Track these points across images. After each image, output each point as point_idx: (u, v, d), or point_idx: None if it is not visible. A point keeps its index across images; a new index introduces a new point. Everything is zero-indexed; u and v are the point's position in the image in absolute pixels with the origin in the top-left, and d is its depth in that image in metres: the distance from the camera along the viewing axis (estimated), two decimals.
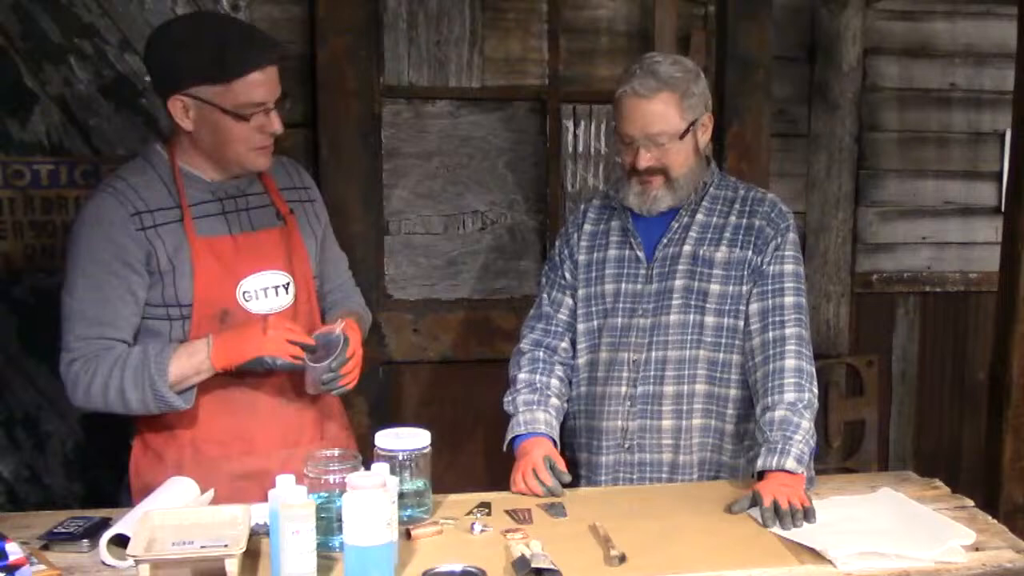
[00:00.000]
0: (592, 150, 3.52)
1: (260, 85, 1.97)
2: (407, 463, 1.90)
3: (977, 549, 1.83)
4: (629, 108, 2.15)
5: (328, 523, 1.76)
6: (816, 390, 2.13)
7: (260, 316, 2.03)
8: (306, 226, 2.21)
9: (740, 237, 2.21)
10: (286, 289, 2.11)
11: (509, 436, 2.24)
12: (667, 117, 2.13)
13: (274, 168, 2.19)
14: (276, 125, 2.02)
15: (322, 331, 2.06)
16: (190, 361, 1.97)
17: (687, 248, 2.22)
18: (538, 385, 2.27)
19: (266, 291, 2.09)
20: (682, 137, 2.15)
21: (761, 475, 2.04)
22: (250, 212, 2.12)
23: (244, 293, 2.06)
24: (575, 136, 3.51)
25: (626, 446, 2.25)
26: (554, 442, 2.22)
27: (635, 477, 2.25)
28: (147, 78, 3.08)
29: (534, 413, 2.23)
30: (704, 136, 2.22)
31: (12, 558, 1.60)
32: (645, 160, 2.16)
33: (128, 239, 1.98)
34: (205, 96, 1.96)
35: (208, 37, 1.97)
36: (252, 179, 2.14)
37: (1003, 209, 3.20)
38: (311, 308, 2.19)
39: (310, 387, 2.07)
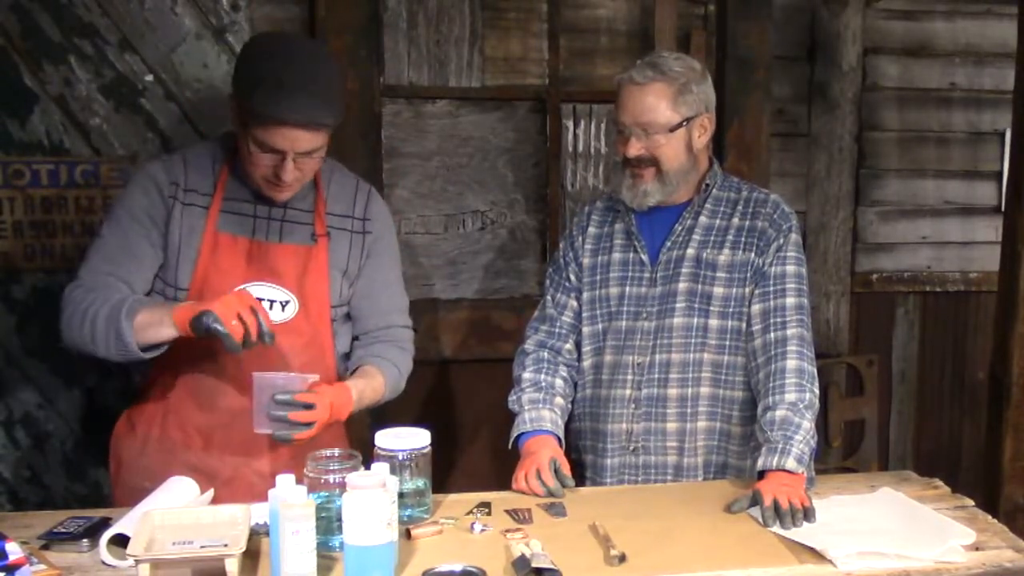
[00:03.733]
0: (592, 150, 3.53)
1: (282, 137, 1.93)
2: (407, 463, 1.90)
3: (977, 549, 1.83)
4: (624, 95, 2.16)
5: (328, 523, 1.76)
6: (817, 391, 2.13)
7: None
8: (340, 255, 2.15)
9: (743, 239, 2.21)
10: (283, 307, 2.09)
11: (514, 433, 2.24)
12: (658, 107, 2.13)
13: (340, 192, 2.17)
14: (285, 174, 1.98)
15: (293, 375, 1.97)
16: (159, 310, 1.93)
17: (691, 251, 2.22)
18: (543, 384, 2.28)
19: (260, 301, 2.04)
20: (673, 130, 2.15)
21: (761, 474, 2.04)
22: (283, 223, 2.11)
23: None
24: (575, 136, 3.51)
25: (631, 448, 2.25)
26: (559, 440, 2.23)
27: (640, 479, 2.25)
28: (148, 77, 3.10)
29: (539, 411, 2.23)
30: (701, 137, 2.21)
31: (12, 558, 1.60)
32: (635, 148, 2.16)
33: (160, 199, 2.05)
34: (243, 109, 1.96)
35: (268, 64, 1.93)
36: (305, 194, 2.12)
37: (1003, 209, 3.19)
38: (316, 335, 2.14)
39: (255, 420, 1.95)
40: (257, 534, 1.81)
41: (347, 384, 2.10)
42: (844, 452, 3.80)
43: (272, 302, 2.08)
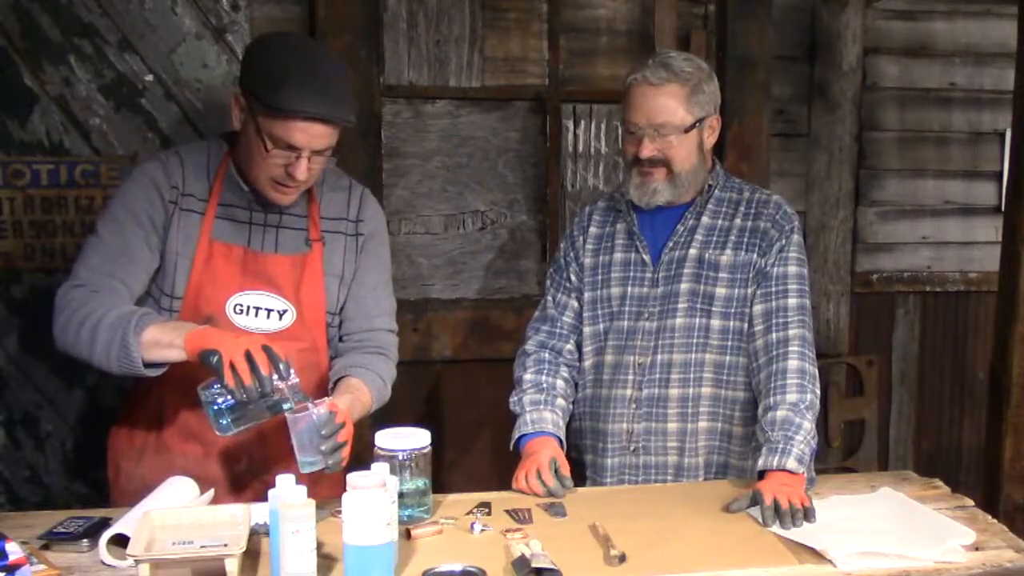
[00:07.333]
0: (592, 150, 3.52)
1: (299, 131, 1.90)
2: (407, 463, 1.90)
3: (977, 549, 1.83)
4: (637, 96, 2.16)
5: None
6: (818, 391, 2.13)
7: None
8: (335, 260, 2.13)
9: (745, 240, 2.21)
10: (280, 316, 2.07)
11: (516, 435, 2.24)
12: (674, 108, 2.14)
13: (334, 195, 2.15)
14: (298, 172, 1.94)
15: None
16: (170, 332, 1.84)
17: (693, 251, 2.22)
18: (544, 385, 2.27)
19: (258, 311, 2.05)
20: (687, 131, 2.15)
21: (762, 474, 2.04)
22: (279, 231, 2.08)
23: (235, 305, 2.03)
24: (575, 136, 3.51)
25: (631, 448, 2.25)
26: (560, 442, 2.23)
27: (640, 479, 2.25)
28: (148, 77, 3.10)
29: (541, 412, 2.23)
30: (710, 138, 2.22)
31: (12, 558, 1.60)
32: (648, 150, 2.16)
33: (160, 203, 2.01)
34: (253, 107, 1.94)
35: (285, 60, 1.92)
36: (299, 199, 2.08)
37: (1003, 209, 3.19)
38: (313, 345, 2.12)
39: (302, 462, 1.84)
40: (257, 534, 1.82)
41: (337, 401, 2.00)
42: (844, 452, 3.80)
43: (269, 311, 2.06)
